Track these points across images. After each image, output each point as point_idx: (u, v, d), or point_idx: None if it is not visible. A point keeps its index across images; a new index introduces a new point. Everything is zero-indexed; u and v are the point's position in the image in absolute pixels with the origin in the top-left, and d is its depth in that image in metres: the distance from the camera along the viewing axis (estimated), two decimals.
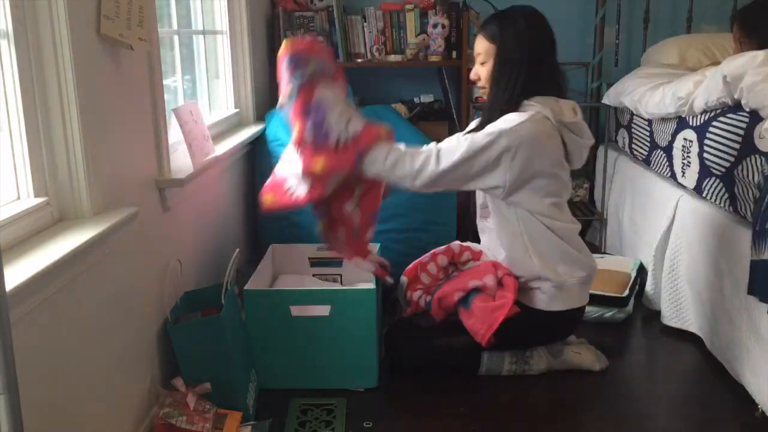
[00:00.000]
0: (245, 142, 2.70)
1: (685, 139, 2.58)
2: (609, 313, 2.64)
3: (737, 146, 2.19)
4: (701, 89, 2.46)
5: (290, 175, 2.12)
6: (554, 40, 2.17)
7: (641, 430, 2.01)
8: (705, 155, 2.40)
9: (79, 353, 1.51)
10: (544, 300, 2.17)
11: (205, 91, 2.70)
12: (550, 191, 2.10)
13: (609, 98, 3.35)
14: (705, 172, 2.40)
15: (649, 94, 2.85)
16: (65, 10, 1.46)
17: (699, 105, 2.46)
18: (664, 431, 2.00)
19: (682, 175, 2.60)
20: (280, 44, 3.36)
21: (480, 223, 2.33)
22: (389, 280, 2.24)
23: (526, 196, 2.08)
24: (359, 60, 3.46)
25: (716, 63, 2.68)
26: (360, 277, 2.44)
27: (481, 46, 2.19)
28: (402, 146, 2.12)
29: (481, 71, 2.20)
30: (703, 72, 2.61)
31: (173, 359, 1.97)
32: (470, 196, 3.44)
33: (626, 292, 2.66)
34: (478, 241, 2.41)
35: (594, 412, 2.11)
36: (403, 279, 2.37)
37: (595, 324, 2.67)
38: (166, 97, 2.03)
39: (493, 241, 2.25)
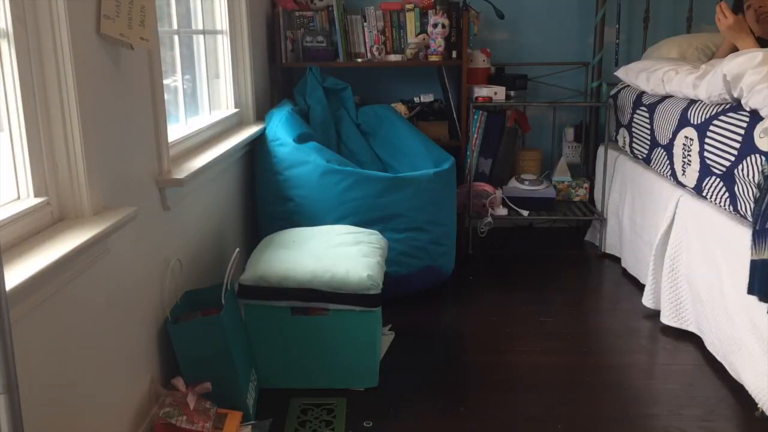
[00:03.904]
0: (245, 141, 2.70)
1: (686, 137, 2.58)
2: None
3: (737, 145, 2.19)
4: (703, 83, 2.47)
5: None
6: None
7: (641, 430, 2.01)
8: (705, 154, 2.40)
9: (79, 353, 1.51)
10: None
11: (205, 91, 2.70)
12: None
13: (627, 75, 3.28)
14: (705, 171, 2.40)
15: (682, 74, 2.78)
16: (65, 10, 1.46)
17: (703, 96, 2.47)
18: (664, 431, 2.00)
19: (683, 174, 2.60)
20: (280, 44, 3.38)
21: None
22: None
23: None
24: (359, 60, 3.47)
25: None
26: None
27: None
28: None
29: None
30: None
31: (173, 359, 1.98)
32: (470, 195, 3.44)
33: None
34: (477, 238, 2.40)
35: (594, 412, 2.11)
36: None
37: (594, 324, 2.67)
38: (166, 97, 2.03)
39: None
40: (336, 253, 2.30)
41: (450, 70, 3.59)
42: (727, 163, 2.24)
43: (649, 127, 2.99)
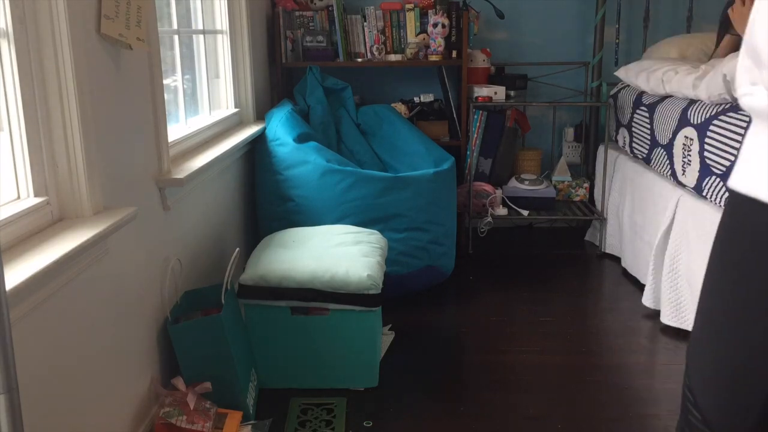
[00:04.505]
0: (245, 141, 2.70)
1: (686, 137, 2.58)
2: None
3: (738, 145, 2.18)
4: (703, 83, 2.47)
5: None
6: None
7: (641, 430, 2.01)
8: (705, 154, 2.40)
9: (79, 353, 1.51)
10: None
11: (205, 91, 2.70)
12: None
13: (627, 75, 3.27)
14: (705, 170, 2.40)
15: (682, 74, 2.78)
16: (65, 10, 1.46)
17: (703, 96, 2.47)
18: (665, 431, 2.00)
19: (683, 174, 2.60)
20: (280, 44, 3.38)
21: None
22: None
23: None
24: (359, 60, 3.46)
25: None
26: None
27: None
28: None
29: None
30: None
31: (173, 359, 1.98)
32: (470, 195, 3.44)
33: None
34: (477, 238, 2.40)
35: (594, 412, 2.11)
36: None
37: (594, 324, 2.67)
38: (166, 97, 2.03)
39: None
40: (336, 252, 2.30)
41: (450, 70, 3.59)
42: (727, 163, 2.23)
43: (649, 126, 2.99)
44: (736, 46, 2.87)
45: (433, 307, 2.89)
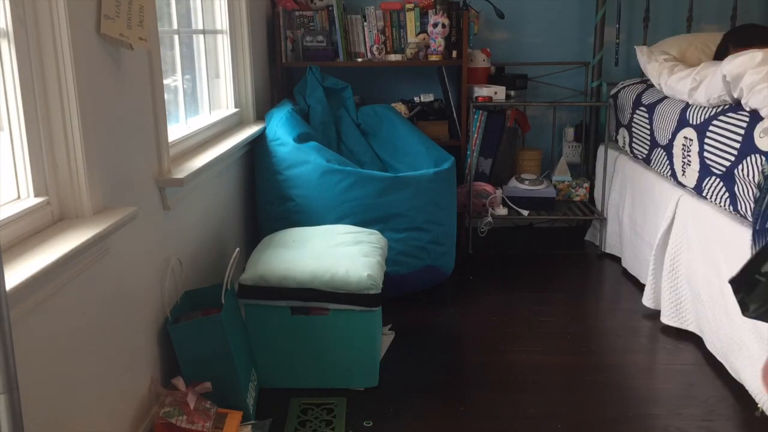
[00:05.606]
0: (245, 141, 2.70)
1: (685, 137, 2.58)
2: None
3: (737, 145, 2.19)
4: (702, 85, 2.47)
5: None
6: None
7: (641, 430, 2.01)
8: (705, 154, 2.40)
9: (79, 353, 1.51)
10: None
11: (205, 91, 2.70)
12: None
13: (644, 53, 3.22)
14: (705, 171, 2.40)
15: (677, 75, 2.80)
16: (65, 10, 1.46)
17: (701, 99, 2.47)
18: (664, 431, 2.00)
19: (683, 174, 2.60)
20: (280, 44, 3.38)
21: None
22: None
23: None
24: (359, 59, 3.46)
25: None
26: None
27: None
28: None
29: None
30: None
31: (173, 359, 1.98)
32: (470, 195, 3.44)
33: None
34: (477, 238, 2.40)
35: (594, 412, 2.11)
36: None
37: (594, 324, 2.67)
38: (166, 96, 2.03)
39: None
40: (336, 252, 2.30)
41: (450, 70, 3.59)
42: (727, 163, 2.24)
43: (648, 127, 2.99)
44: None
45: (433, 307, 2.89)
